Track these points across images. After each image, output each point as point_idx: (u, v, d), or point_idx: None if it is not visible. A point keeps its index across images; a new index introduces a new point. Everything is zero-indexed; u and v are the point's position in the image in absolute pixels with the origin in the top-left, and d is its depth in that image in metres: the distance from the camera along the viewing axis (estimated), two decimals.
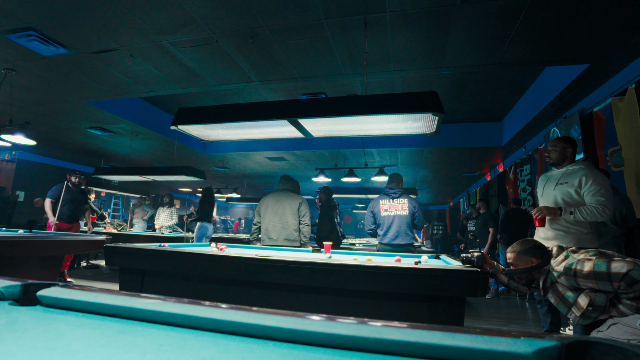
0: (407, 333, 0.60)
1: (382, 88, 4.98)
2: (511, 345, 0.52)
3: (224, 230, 17.84)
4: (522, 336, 0.55)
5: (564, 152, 2.65)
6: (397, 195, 3.75)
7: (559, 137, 2.89)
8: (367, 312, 1.99)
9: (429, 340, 0.57)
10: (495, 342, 0.54)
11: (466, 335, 0.57)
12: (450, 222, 14.86)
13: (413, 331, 0.61)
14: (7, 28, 3.36)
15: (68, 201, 5.21)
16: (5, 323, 0.66)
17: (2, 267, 3.01)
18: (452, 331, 0.59)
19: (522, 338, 0.54)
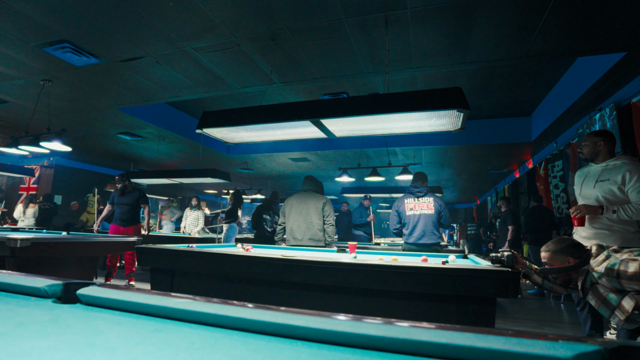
0: (437, 334, 0.59)
1: (404, 86, 4.91)
2: (549, 349, 0.50)
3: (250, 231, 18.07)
4: (560, 339, 0.53)
5: (596, 146, 2.52)
6: (422, 194, 3.69)
7: (591, 131, 2.76)
8: (393, 312, 1.97)
9: (460, 341, 0.55)
10: (531, 345, 0.52)
11: (500, 337, 0.55)
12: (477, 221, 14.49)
13: (443, 332, 0.60)
14: (45, 41, 3.55)
15: (118, 205, 5.30)
16: (50, 320, 0.70)
17: (44, 267, 3.18)
18: (484, 333, 0.58)
19: (561, 341, 0.52)
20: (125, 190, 5.29)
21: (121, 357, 0.53)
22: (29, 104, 5.29)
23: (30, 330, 0.63)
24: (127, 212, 5.22)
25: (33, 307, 0.79)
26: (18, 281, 0.92)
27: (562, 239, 1.90)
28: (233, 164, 9.23)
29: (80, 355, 0.53)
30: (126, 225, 5.22)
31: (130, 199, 5.23)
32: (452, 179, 10.58)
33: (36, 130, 5.67)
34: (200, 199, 7.63)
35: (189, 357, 0.54)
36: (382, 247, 5.54)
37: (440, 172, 9.51)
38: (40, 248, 2.89)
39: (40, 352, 0.53)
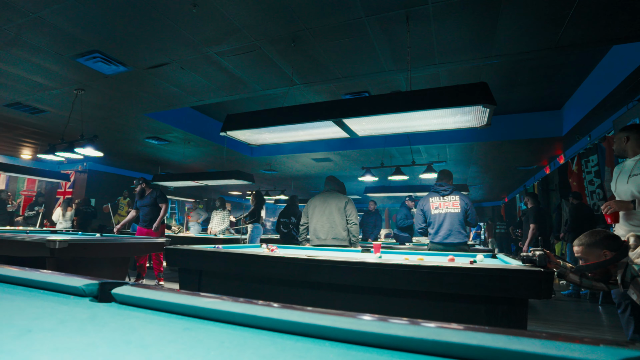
0: (468, 336, 0.58)
1: (427, 83, 4.83)
2: (588, 353, 0.48)
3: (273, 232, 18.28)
4: (600, 343, 0.50)
5: (621, 142, 2.45)
6: (447, 192, 3.61)
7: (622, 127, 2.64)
8: (419, 313, 1.94)
9: (493, 343, 0.54)
10: (568, 349, 0.50)
11: (534, 339, 0.53)
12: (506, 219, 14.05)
13: (474, 334, 0.58)
14: (77, 52, 3.72)
15: (140, 207, 5.47)
16: (88, 317, 0.73)
17: (80, 267, 3.33)
18: (516, 335, 0.56)
19: (602, 346, 0.49)
20: (144, 193, 5.46)
21: (155, 354, 0.55)
22: (64, 113, 5.56)
23: (71, 327, 0.66)
24: (148, 213, 5.38)
25: (73, 305, 0.83)
26: (58, 280, 0.97)
27: (596, 232, 1.81)
28: (256, 166, 9.36)
29: (117, 352, 0.55)
30: (149, 226, 5.37)
31: (149, 200, 5.39)
32: (478, 176, 10.31)
33: (71, 137, 5.95)
34: (225, 200, 7.78)
35: (219, 356, 0.55)
36: (407, 247, 5.47)
37: (466, 169, 9.29)
38: (76, 249, 3.03)
39: (81, 348, 0.56)
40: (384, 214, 18.54)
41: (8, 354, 0.52)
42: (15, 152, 8.95)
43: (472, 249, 4.50)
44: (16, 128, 6.69)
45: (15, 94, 4.93)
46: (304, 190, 14.34)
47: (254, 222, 6.40)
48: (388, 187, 8.35)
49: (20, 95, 4.98)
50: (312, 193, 14.94)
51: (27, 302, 0.85)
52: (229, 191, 14.90)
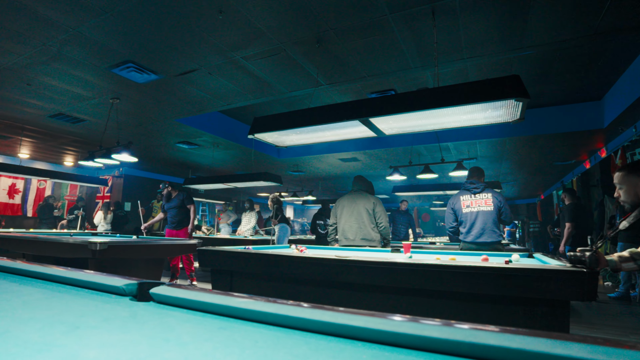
0: (507, 338, 0.55)
1: (455, 78, 4.71)
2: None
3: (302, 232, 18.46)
4: None
5: None
6: (479, 190, 3.50)
7: None
8: (452, 314, 1.89)
9: (534, 347, 0.51)
10: (619, 355, 0.47)
11: (580, 344, 0.50)
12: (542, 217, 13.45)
13: (513, 336, 0.56)
14: (112, 63, 3.90)
15: (168, 210, 5.66)
16: (129, 315, 0.76)
17: (118, 267, 3.49)
18: (561, 338, 0.53)
19: None
20: (170, 196, 5.60)
21: (192, 352, 0.57)
22: (101, 121, 5.85)
23: (114, 325, 0.69)
24: (175, 215, 5.52)
25: (114, 304, 0.87)
26: (101, 280, 1.02)
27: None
28: (284, 167, 9.46)
29: (157, 349, 0.57)
30: (177, 227, 5.52)
31: (176, 202, 5.52)
32: (511, 173, 9.93)
33: (108, 144, 6.26)
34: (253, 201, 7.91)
35: (254, 355, 0.56)
36: (437, 247, 5.35)
37: (498, 166, 8.97)
38: (115, 250, 3.18)
39: (125, 344, 0.58)
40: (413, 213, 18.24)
41: (60, 348, 0.56)
42: (59, 159, 9.51)
43: (506, 248, 4.34)
44: (60, 137, 7.11)
45: (58, 105, 5.24)
46: (331, 190, 14.35)
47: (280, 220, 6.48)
48: (417, 186, 8.21)
49: (63, 106, 5.29)
50: (339, 193, 14.92)
51: (74, 300, 0.90)
52: (257, 193, 15.16)
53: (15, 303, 0.84)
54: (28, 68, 4.06)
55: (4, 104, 5.27)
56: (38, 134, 6.89)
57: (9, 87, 4.60)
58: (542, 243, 11.70)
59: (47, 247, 3.61)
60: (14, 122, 6.14)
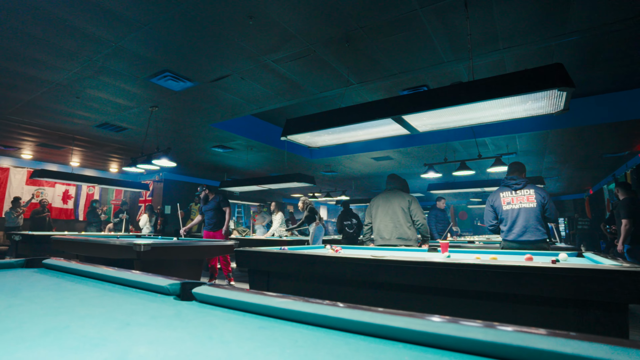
0: (560, 343, 0.52)
1: (490, 70, 4.52)
2: None
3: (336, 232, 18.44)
4: None
5: None
6: (520, 186, 3.34)
7: None
8: (494, 316, 1.81)
9: (592, 353, 0.48)
10: None
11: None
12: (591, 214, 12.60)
13: (566, 341, 0.53)
14: (150, 73, 4.10)
15: (205, 212, 5.84)
16: (174, 314, 0.79)
17: (161, 267, 3.66)
18: (620, 345, 0.49)
19: None
20: (207, 199, 5.75)
21: (235, 350, 0.58)
22: (142, 129, 6.16)
23: (161, 323, 0.72)
24: (212, 217, 5.67)
25: (160, 303, 0.91)
26: (146, 280, 1.07)
27: None
28: (316, 168, 9.51)
29: (201, 347, 0.59)
30: (214, 229, 5.66)
31: (212, 205, 5.67)
32: (555, 167, 9.39)
33: (148, 151, 6.58)
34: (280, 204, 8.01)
35: (295, 354, 0.57)
36: (476, 246, 5.16)
37: (540, 160, 8.51)
38: (157, 252, 3.33)
39: (172, 341, 0.61)
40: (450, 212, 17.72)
41: (114, 343, 0.59)
42: (105, 166, 10.12)
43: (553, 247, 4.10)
44: (105, 145, 7.57)
45: (103, 115, 5.58)
46: (365, 190, 14.25)
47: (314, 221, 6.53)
48: (453, 183, 7.97)
49: (107, 116, 5.62)
50: (372, 192, 14.79)
51: (124, 299, 0.95)
52: (291, 194, 15.33)
53: (73, 301, 0.91)
54: (77, 82, 4.35)
55: (58, 117, 5.68)
56: (86, 143, 7.36)
57: (61, 100, 4.96)
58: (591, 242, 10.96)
59: (96, 249, 3.84)
60: (66, 133, 6.60)
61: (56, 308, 0.82)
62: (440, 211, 7.06)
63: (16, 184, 9.17)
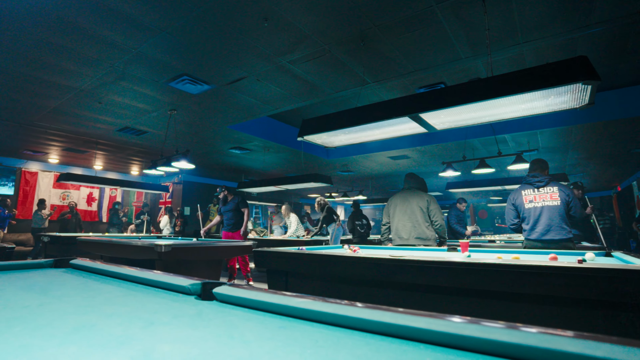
0: (590, 346, 0.50)
1: (510, 65, 4.41)
2: None
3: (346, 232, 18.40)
4: None
5: None
6: (543, 184, 3.25)
7: None
8: (516, 317, 1.77)
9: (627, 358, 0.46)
10: None
11: None
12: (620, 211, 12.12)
13: (597, 344, 0.51)
14: (169, 77, 4.18)
15: (224, 213, 5.91)
16: (196, 313, 0.81)
17: (181, 268, 3.73)
18: None
19: None
20: (226, 200, 5.81)
21: (256, 350, 0.59)
22: (161, 132, 6.30)
23: (183, 322, 0.74)
24: (231, 218, 5.72)
25: (182, 302, 0.92)
26: (168, 280, 1.10)
27: None
28: (333, 167, 9.50)
29: (223, 346, 0.60)
30: (233, 230, 5.71)
31: (231, 206, 5.72)
32: (579, 164, 9.08)
33: (168, 153, 6.72)
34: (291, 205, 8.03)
35: (315, 354, 0.57)
36: (497, 245, 5.04)
37: (563, 157, 8.25)
38: (178, 252, 3.40)
39: (194, 340, 0.62)
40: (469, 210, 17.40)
41: (139, 341, 0.61)
42: (127, 169, 10.39)
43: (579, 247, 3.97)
44: (126, 149, 7.77)
45: (124, 119, 5.73)
46: (382, 189, 14.15)
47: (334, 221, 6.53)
48: (472, 182, 7.81)
49: (128, 120, 5.77)
50: (389, 192, 14.67)
51: (147, 298, 0.97)
52: (308, 194, 15.38)
53: (99, 300, 0.93)
54: (99, 88, 4.48)
55: (82, 122, 5.87)
56: (109, 146, 7.58)
57: (85, 106, 5.12)
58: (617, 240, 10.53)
59: (119, 250, 3.95)
60: (90, 137, 6.81)
61: (84, 307, 0.85)
62: (460, 211, 6.96)
63: (44, 187, 9.53)
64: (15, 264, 1.53)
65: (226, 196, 5.82)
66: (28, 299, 0.92)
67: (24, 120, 5.81)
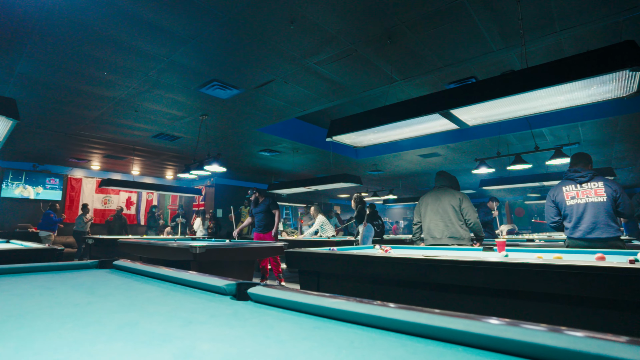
0: None
1: (547, 55, 4.21)
2: None
3: None
4: None
5: None
6: (586, 179, 3.06)
7: None
8: (559, 320, 1.68)
9: None
10: None
11: None
12: None
13: None
14: (200, 84, 4.32)
15: (255, 214, 6.02)
16: (232, 313, 0.83)
17: (215, 268, 3.83)
18: None
19: None
20: (257, 202, 5.88)
21: (291, 350, 0.59)
22: (193, 137, 6.51)
23: (220, 321, 0.76)
24: (262, 220, 5.78)
25: (218, 302, 0.95)
26: (204, 280, 1.13)
27: None
28: (362, 167, 9.45)
29: (260, 346, 0.61)
30: (264, 231, 5.78)
31: (262, 207, 5.79)
32: (627, 157, 8.51)
33: (200, 157, 6.94)
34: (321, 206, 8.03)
35: (351, 355, 0.56)
36: (536, 244, 4.82)
37: (608, 150, 7.76)
38: (212, 253, 3.49)
39: (232, 339, 0.63)
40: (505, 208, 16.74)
41: (180, 339, 0.63)
42: (162, 173, 10.82)
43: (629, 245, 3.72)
44: (161, 154, 8.09)
45: (159, 126, 5.98)
46: (412, 188, 13.90)
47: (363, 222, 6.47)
48: (507, 179, 7.50)
49: (162, 126, 6.01)
50: (420, 191, 14.39)
51: (185, 298, 1.00)
52: (337, 194, 15.37)
53: (141, 299, 0.98)
54: (135, 97, 4.70)
55: (120, 130, 6.18)
56: (145, 152, 7.93)
57: (122, 115, 5.39)
58: None
59: (157, 251, 4.12)
60: (127, 144, 7.16)
61: (127, 305, 0.89)
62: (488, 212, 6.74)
63: (87, 193, 10.12)
64: (65, 264, 1.63)
65: (257, 198, 5.90)
66: (78, 297, 0.98)
67: (69, 130, 6.20)
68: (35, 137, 6.61)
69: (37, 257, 2.43)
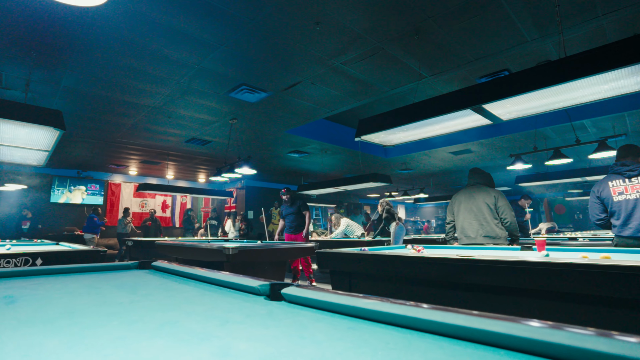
0: None
1: (586, 43, 3.97)
2: None
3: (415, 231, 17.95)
4: None
5: None
6: (635, 173, 2.86)
7: None
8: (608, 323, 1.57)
9: None
10: None
11: None
12: None
13: None
14: (228, 88, 4.42)
15: (286, 216, 6.04)
16: (266, 313, 0.84)
17: (247, 269, 3.90)
18: None
19: None
20: (292, 201, 5.92)
21: (327, 350, 0.59)
22: (224, 141, 6.67)
23: (255, 321, 0.77)
24: (293, 221, 5.84)
25: (253, 302, 0.96)
26: (239, 280, 1.15)
27: None
28: (392, 166, 9.33)
29: (295, 346, 0.61)
30: (295, 232, 5.82)
31: (294, 208, 5.84)
32: None
33: (231, 160, 7.10)
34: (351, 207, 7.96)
35: (387, 357, 0.56)
36: (580, 243, 4.56)
37: None
38: (244, 254, 3.56)
39: (267, 339, 0.64)
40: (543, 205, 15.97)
41: (216, 338, 0.64)
42: (194, 177, 11.17)
43: None
44: (194, 158, 8.36)
45: (191, 131, 6.18)
46: (444, 186, 13.57)
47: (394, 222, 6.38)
48: (545, 174, 7.16)
49: (194, 131, 6.20)
50: (452, 189, 14.02)
51: (221, 298, 1.03)
52: (367, 194, 15.25)
53: (179, 299, 1.01)
54: (168, 104, 4.88)
55: (155, 136, 6.44)
56: (178, 157, 8.22)
57: (157, 121, 5.62)
58: None
59: (192, 252, 4.25)
60: (162, 149, 7.45)
61: (166, 304, 0.93)
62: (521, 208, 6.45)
63: (126, 197, 10.63)
64: (109, 265, 1.72)
65: (291, 197, 5.93)
66: (121, 296, 1.03)
67: (108, 138, 6.53)
68: (79, 145, 7.03)
69: (83, 258, 2.58)
